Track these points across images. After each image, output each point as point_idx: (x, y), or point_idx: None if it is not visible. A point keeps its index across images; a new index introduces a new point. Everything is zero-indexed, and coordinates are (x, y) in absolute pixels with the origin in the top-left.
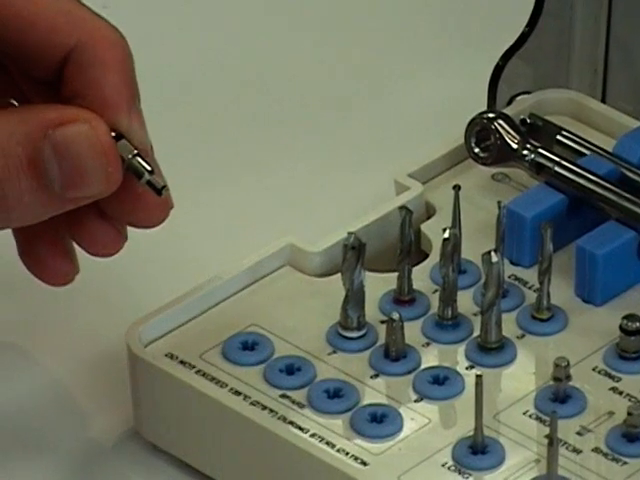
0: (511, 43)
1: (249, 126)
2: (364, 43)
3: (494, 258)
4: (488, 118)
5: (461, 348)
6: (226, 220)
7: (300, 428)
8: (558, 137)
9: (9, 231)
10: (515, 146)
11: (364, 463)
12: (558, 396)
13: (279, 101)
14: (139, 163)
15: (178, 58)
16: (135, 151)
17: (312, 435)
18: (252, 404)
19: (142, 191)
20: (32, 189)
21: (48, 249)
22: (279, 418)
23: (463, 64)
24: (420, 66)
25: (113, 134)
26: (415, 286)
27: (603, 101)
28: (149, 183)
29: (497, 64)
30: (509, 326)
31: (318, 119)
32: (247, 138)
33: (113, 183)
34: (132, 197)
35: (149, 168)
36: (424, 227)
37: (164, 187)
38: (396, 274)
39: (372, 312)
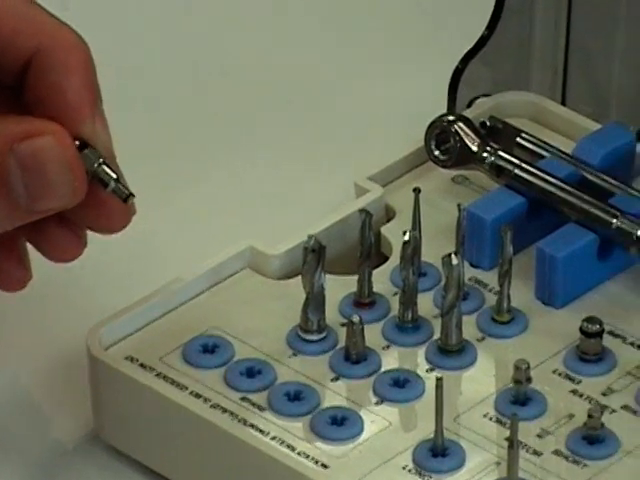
0: (471, 46)
1: (208, 129)
2: (322, 46)
3: (454, 261)
4: (448, 121)
5: (421, 351)
6: (186, 222)
7: (260, 431)
8: (518, 140)
9: None
10: (475, 149)
11: (324, 466)
12: (518, 398)
13: (238, 104)
14: (104, 172)
15: (141, 58)
16: (100, 159)
17: (272, 438)
18: (212, 407)
19: (106, 198)
20: None
21: (2, 255)
22: (239, 421)
23: (423, 67)
24: (380, 68)
25: (77, 142)
26: (375, 289)
27: (563, 103)
28: (115, 191)
29: (457, 67)
30: (469, 329)
31: (278, 122)
32: (207, 140)
33: (79, 195)
34: (95, 204)
35: (115, 176)
36: (384, 230)
37: (130, 195)
38: (356, 277)
39: (332, 315)
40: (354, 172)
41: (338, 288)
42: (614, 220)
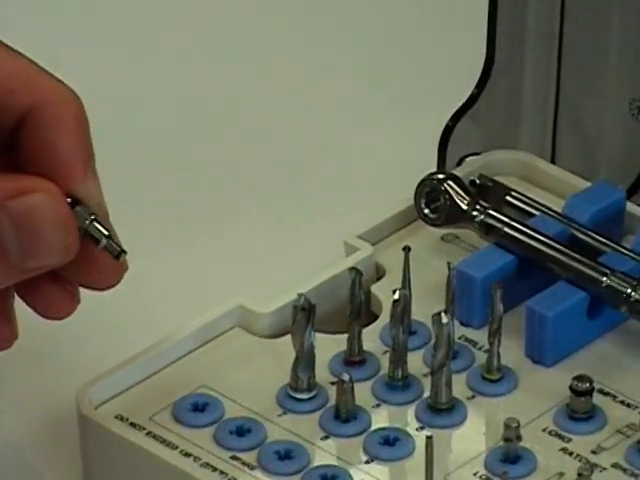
0: (460, 104)
1: (198, 188)
2: (312, 104)
3: (444, 319)
4: (438, 179)
5: (411, 409)
6: (176, 281)
7: None
8: (507, 198)
9: None
10: (465, 207)
11: None
12: (508, 457)
13: (228, 163)
14: (96, 229)
15: (131, 115)
16: (92, 216)
17: None
18: (202, 466)
19: (97, 255)
20: None
21: None
22: (229, 479)
23: (413, 125)
24: (369, 127)
25: (69, 200)
26: (365, 347)
27: (553, 162)
28: (107, 248)
29: (446, 125)
30: (459, 387)
31: (268, 180)
32: (196, 200)
33: (71, 252)
34: (87, 260)
35: (107, 233)
36: (374, 288)
37: (122, 252)
38: (346, 335)
39: (322, 373)
40: (344, 230)
41: (328, 346)
42: (604, 278)
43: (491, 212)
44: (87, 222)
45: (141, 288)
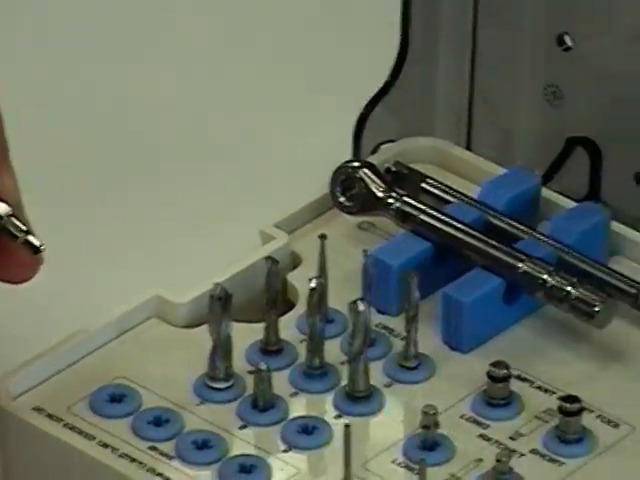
0: (375, 91)
1: (112, 175)
2: (229, 93)
3: (361, 307)
4: (353, 167)
5: (329, 397)
6: (93, 272)
7: None
8: (423, 185)
9: None
10: (380, 195)
11: None
12: (426, 444)
13: (143, 150)
14: (14, 224)
15: (34, 103)
16: (9, 212)
17: None
18: (120, 456)
19: (13, 249)
20: None
21: None
22: (148, 470)
23: (327, 113)
24: (284, 115)
25: None
26: (282, 336)
27: (468, 148)
28: (25, 243)
29: (361, 113)
30: (377, 375)
31: (183, 169)
32: (111, 188)
33: None
34: (3, 255)
35: (25, 228)
36: (290, 277)
37: (40, 246)
38: (263, 324)
39: (239, 362)
40: (260, 219)
41: (245, 336)
42: (520, 264)
43: (407, 199)
44: (4, 218)
45: (58, 280)
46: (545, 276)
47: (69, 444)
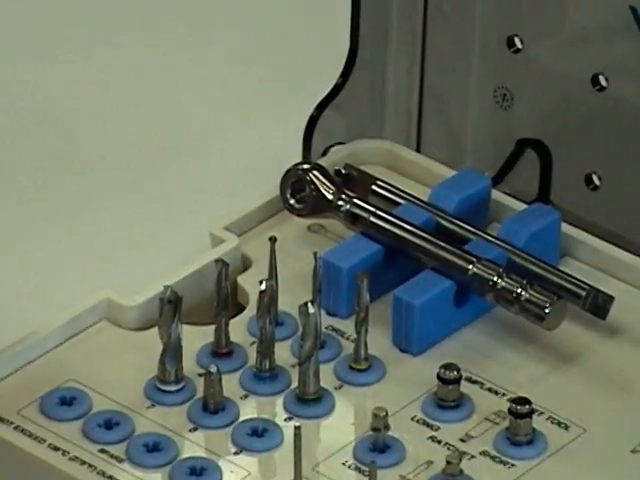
0: (325, 94)
1: (59, 175)
2: (178, 92)
3: (311, 309)
4: (303, 169)
5: (279, 400)
6: (41, 274)
7: None
8: (373, 187)
9: None
10: (330, 197)
11: None
12: (377, 446)
13: (91, 150)
14: None
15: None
16: None
17: None
18: (71, 459)
19: None
20: None
21: None
22: (98, 473)
23: (277, 115)
24: (233, 117)
25: None
26: (232, 338)
27: (418, 150)
28: None
29: (311, 115)
30: (327, 377)
31: (133, 170)
32: (59, 189)
33: None
34: None
35: None
36: (240, 279)
37: None
38: (213, 327)
39: (190, 365)
40: (209, 222)
41: (195, 338)
42: (470, 266)
43: (357, 201)
44: None
45: (6, 282)
46: (495, 278)
47: (19, 447)
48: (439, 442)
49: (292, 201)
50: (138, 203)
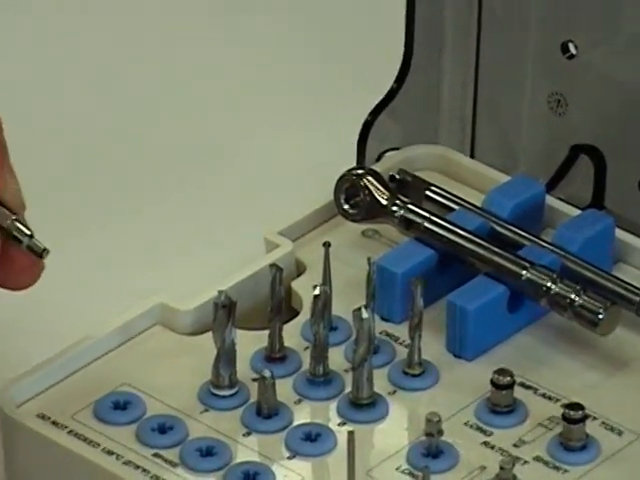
0: (379, 99)
1: (116, 180)
2: (234, 99)
3: (365, 314)
4: (357, 174)
5: (333, 405)
6: (97, 279)
7: None
8: (427, 192)
9: None
10: (384, 202)
11: None
12: (430, 451)
13: (150, 156)
14: (18, 229)
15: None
16: (13, 216)
17: None
18: (125, 463)
19: (14, 254)
20: None
21: None
22: (152, 477)
23: (332, 121)
24: (289, 123)
25: None
26: (286, 343)
27: (472, 156)
28: (30, 247)
29: (366, 120)
30: (381, 382)
31: (189, 177)
32: (116, 193)
33: None
34: (4, 261)
35: (29, 232)
36: (294, 284)
37: (45, 250)
38: (267, 332)
39: (244, 370)
40: (264, 227)
41: (249, 343)
42: (524, 272)
43: (411, 207)
44: (8, 222)
45: (63, 286)
46: (549, 283)
47: (73, 451)
48: (492, 447)
49: (346, 206)
50: (193, 208)
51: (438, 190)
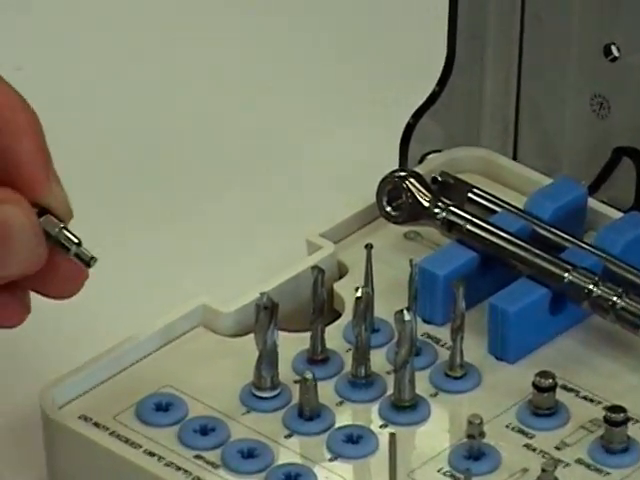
0: (422, 102)
1: (157, 186)
2: (275, 102)
3: (407, 316)
4: (399, 177)
5: (375, 407)
6: (139, 281)
7: None
8: (469, 195)
9: None
10: (426, 204)
11: None
12: (472, 453)
13: (192, 159)
14: (66, 237)
15: (91, 118)
16: (61, 224)
17: None
18: (166, 465)
19: (60, 262)
20: None
21: None
22: (193, 479)
23: (375, 123)
24: (331, 125)
25: (36, 209)
26: (328, 345)
27: (514, 158)
28: (78, 255)
29: (408, 123)
30: (422, 384)
31: (229, 178)
32: (157, 197)
33: (38, 263)
34: (50, 269)
35: (76, 240)
36: (336, 286)
37: (92, 258)
38: (309, 333)
39: (285, 372)
40: (306, 229)
41: (291, 345)
42: (566, 274)
43: (453, 209)
44: (56, 230)
45: (104, 288)
46: (591, 286)
47: (115, 452)
48: (534, 450)
49: (388, 208)
50: (235, 209)
51: (480, 192)
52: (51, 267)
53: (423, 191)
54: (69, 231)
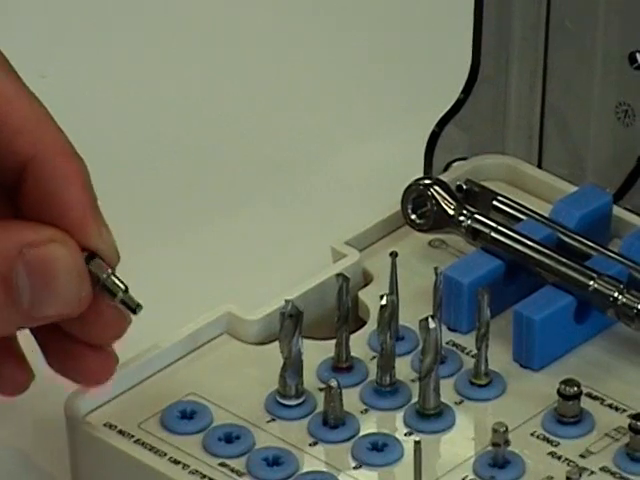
0: (447, 109)
1: (183, 195)
2: (299, 110)
3: (431, 324)
4: (424, 184)
5: (400, 414)
6: (164, 289)
7: None
8: (494, 203)
9: None
10: (451, 212)
11: None
12: (497, 461)
13: (216, 166)
14: (114, 283)
15: (116, 126)
16: (109, 270)
17: None
18: (191, 473)
19: (104, 307)
20: (1, 303)
21: (2, 359)
22: None
23: (399, 131)
24: (356, 133)
25: (85, 254)
26: (353, 353)
27: (539, 166)
28: (123, 302)
29: (433, 130)
30: (447, 392)
31: (254, 187)
32: (182, 205)
33: (83, 305)
34: (93, 314)
35: (123, 287)
36: (361, 294)
37: (138, 306)
38: (334, 341)
39: (310, 379)
40: (331, 237)
41: (316, 353)
42: (591, 282)
43: (478, 217)
44: (105, 276)
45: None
46: (616, 294)
47: (140, 460)
48: (559, 458)
49: (413, 216)
50: (260, 217)
51: (505, 200)
52: (95, 312)
53: (448, 199)
54: (117, 277)
